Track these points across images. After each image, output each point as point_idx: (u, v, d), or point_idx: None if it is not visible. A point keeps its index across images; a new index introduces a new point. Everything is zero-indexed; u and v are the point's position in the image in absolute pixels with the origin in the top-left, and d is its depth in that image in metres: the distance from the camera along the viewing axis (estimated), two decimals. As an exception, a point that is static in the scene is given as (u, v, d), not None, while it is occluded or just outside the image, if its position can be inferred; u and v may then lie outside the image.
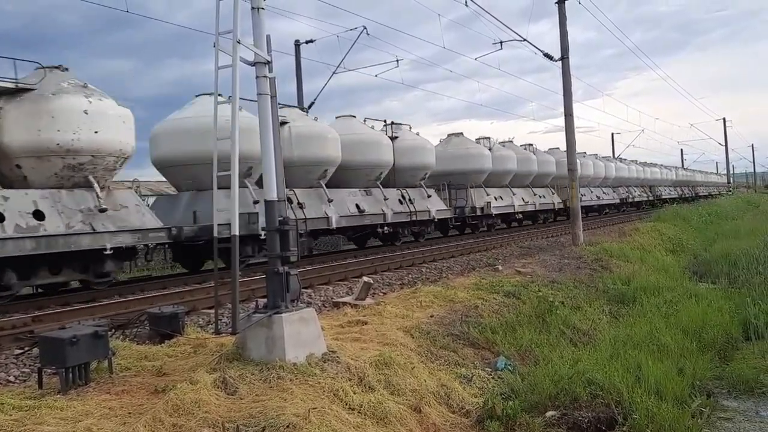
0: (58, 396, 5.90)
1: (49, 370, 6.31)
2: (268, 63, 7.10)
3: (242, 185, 16.85)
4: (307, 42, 26.01)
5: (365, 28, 23.80)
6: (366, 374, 6.86)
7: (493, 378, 7.96)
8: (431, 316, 9.83)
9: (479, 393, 7.43)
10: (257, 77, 7.08)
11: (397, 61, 24.40)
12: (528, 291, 12.30)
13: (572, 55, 20.35)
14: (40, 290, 14.25)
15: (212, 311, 10.71)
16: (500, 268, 15.10)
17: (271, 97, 7.12)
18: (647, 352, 8.32)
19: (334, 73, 24.49)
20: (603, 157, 52.09)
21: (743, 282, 13.75)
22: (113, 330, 8.49)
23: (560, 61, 20.09)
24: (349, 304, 10.54)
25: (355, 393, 6.43)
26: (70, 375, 6.10)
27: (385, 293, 12.48)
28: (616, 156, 63.16)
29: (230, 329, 6.64)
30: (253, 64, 7.09)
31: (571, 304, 12.05)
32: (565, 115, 20.12)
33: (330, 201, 19.71)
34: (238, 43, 6.60)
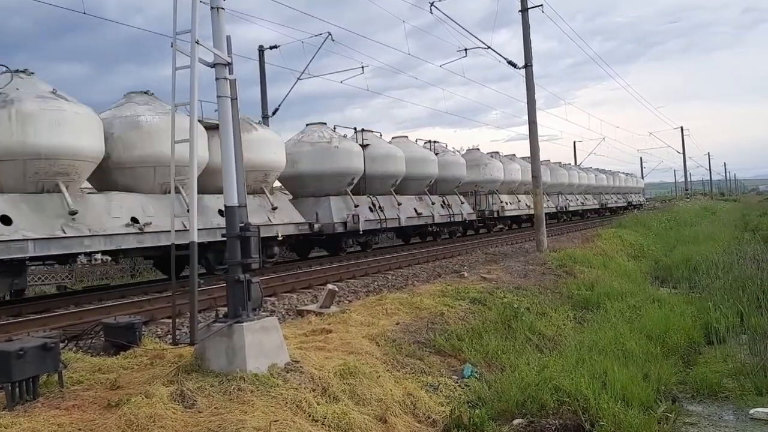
0: (4, 412, 5.57)
1: (-6, 385, 5.96)
2: (229, 64, 6.89)
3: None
4: (271, 48, 25.75)
5: (330, 34, 23.71)
6: (330, 384, 6.67)
7: (459, 386, 7.84)
8: (397, 324, 9.69)
9: (446, 401, 7.30)
10: (217, 79, 6.87)
11: (363, 67, 24.32)
12: (493, 297, 12.25)
13: (534, 64, 20.47)
14: None
15: (171, 321, 10.43)
16: (466, 274, 15.05)
17: (232, 99, 6.91)
18: (612, 357, 8.30)
19: (298, 79, 24.31)
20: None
21: (703, 287, 13.93)
22: (66, 341, 8.14)
23: (524, 69, 20.24)
24: (314, 312, 10.33)
25: (318, 404, 6.23)
26: (17, 390, 5.77)
27: (350, 301, 12.32)
28: (578, 164, 64.20)
29: (189, 340, 6.40)
30: (213, 65, 6.88)
31: (537, 310, 12.03)
32: (529, 123, 20.25)
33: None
34: (197, 43, 6.39)
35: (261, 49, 25.80)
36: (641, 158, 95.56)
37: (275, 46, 25.46)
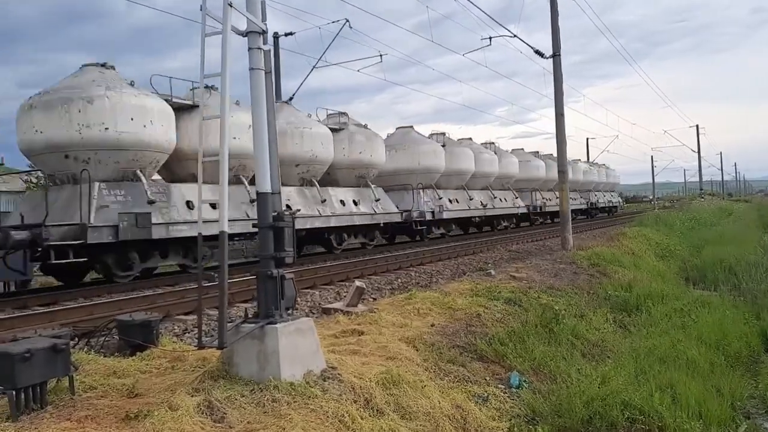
0: (7, 423, 4.85)
1: (-4, 392, 5.23)
2: (263, 33, 6.14)
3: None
4: (286, 35, 24.94)
5: (347, 21, 22.87)
6: (373, 395, 5.93)
7: (509, 397, 7.10)
8: (432, 326, 8.95)
9: (497, 415, 6.56)
10: (250, 49, 6.10)
11: (381, 56, 23.44)
12: (528, 298, 11.51)
13: (542, 61, 19.56)
14: None
15: (189, 317, 9.70)
16: (493, 272, 14.29)
17: (266, 72, 6.15)
18: (675, 368, 7.54)
19: (314, 67, 23.47)
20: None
21: (748, 290, 13.15)
22: (77, 339, 7.41)
23: (551, 59, 19.42)
24: (341, 310, 9.58)
25: (363, 418, 5.50)
26: (22, 397, 5.04)
27: (375, 299, 11.57)
28: (589, 161, 62.87)
29: (215, 342, 5.66)
30: (246, 33, 6.12)
31: (574, 312, 11.28)
32: (556, 115, 19.45)
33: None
34: (230, 6, 5.63)
35: (275, 36, 24.99)
36: (652, 157, 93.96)
37: (290, 33, 24.65)
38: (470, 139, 34.11)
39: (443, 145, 29.12)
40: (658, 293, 12.59)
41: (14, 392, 4.95)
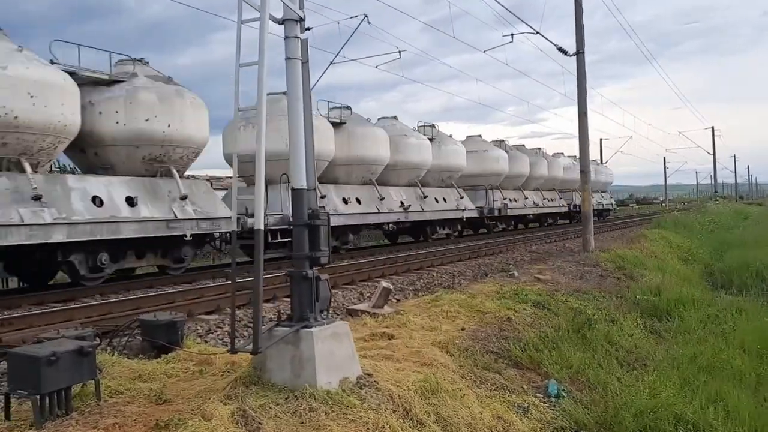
0: (31, 431, 4.58)
1: (20, 396, 4.95)
2: (301, 20, 5.83)
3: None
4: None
5: (366, 16, 22.48)
6: (412, 405, 5.62)
7: (549, 407, 6.77)
8: (462, 329, 8.63)
9: (540, 427, 6.24)
10: (286, 37, 5.79)
11: (399, 52, 23.07)
12: (556, 301, 11.19)
13: (554, 61, 19.18)
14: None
15: (211, 317, 9.44)
16: (516, 274, 13.96)
17: (303, 62, 5.85)
18: (722, 378, 7.19)
19: (331, 62, 23.10)
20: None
21: (780, 296, 12.76)
22: (98, 339, 7.13)
23: (575, 56, 19.04)
24: (367, 312, 9.28)
25: (403, 430, 5.19)
26: (47, 402, 4.76)
27: (398, 300, 11.28)
28: (603, 163, 62.15)
29: (248, 347, 5.36)
30: (282, 21, 5.81)
31: (605, 317, 10.93)
32: (579, 114, 19.05)
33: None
34: (269, -9, 5.32)
35: (292, 32, 24.61)
36: (664, 158, 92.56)
37: (308, 28, 24.27)
38: (395, 117, 26.33)
39: (342, 123, 21.47)
40: (688, 298, 12.21)
41: (39, 397, 4.67)
